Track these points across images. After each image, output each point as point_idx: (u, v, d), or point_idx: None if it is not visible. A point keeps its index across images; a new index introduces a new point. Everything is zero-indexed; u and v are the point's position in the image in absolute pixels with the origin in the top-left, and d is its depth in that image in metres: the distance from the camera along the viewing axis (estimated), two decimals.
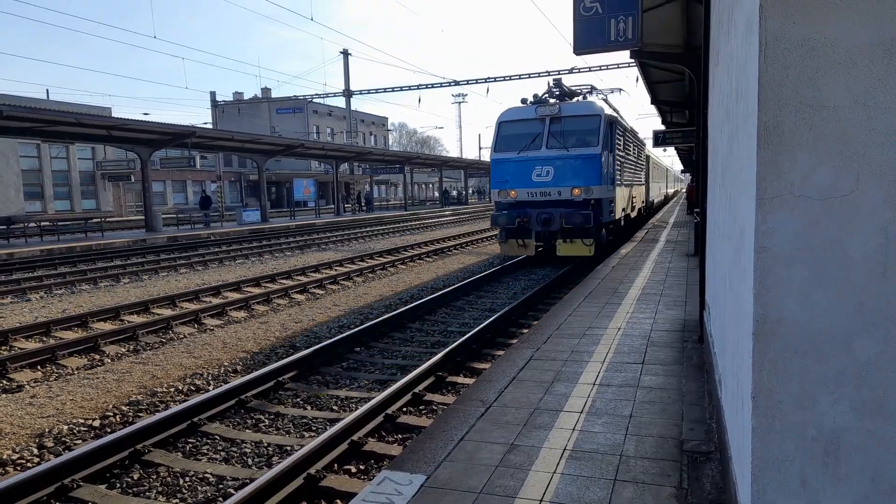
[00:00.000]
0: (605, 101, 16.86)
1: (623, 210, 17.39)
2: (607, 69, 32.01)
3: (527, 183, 14.80)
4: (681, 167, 54.10)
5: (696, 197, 9.29)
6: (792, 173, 2.01)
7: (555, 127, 14.77)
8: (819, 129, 1.98)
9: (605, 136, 14.46)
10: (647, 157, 26.83)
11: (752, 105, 2.13)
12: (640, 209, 23.30)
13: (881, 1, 1.89)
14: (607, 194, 14.79)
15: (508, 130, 15.38)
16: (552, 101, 15.63)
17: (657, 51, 13.76)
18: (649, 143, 27.04)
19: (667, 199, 48.33)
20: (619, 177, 16.13)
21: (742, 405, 2.36)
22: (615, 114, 16.16)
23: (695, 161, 16.79)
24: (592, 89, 17.46)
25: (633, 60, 15.44)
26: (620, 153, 16.46)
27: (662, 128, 27.22)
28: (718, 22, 4.19)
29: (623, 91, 24.33)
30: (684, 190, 47.96)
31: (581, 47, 8.55)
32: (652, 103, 19.83)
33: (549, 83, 16.73)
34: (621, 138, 16.68)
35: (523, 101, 15.69)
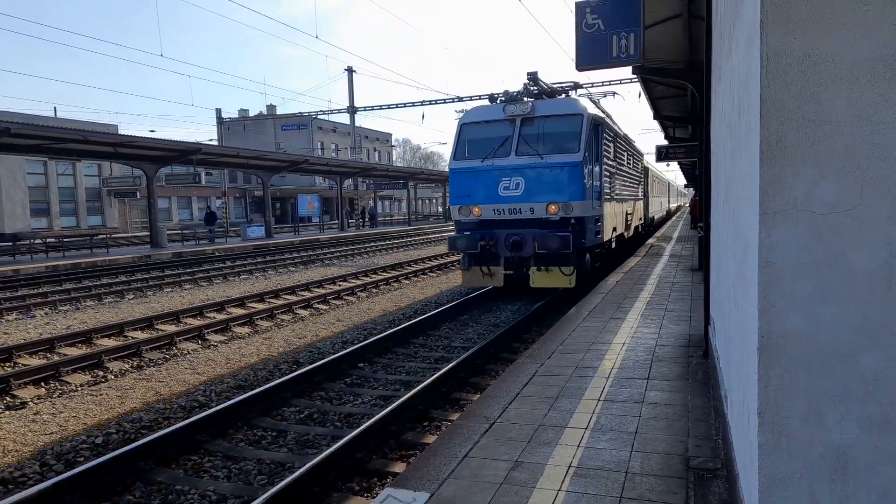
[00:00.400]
0: (595, 102, 14.35)
1: (614, 230, 14.87)
2: (609, 84, 32.19)
3: (493, 198, 12.17)
4: (684, 182, 54.12)
5: (700, 211, 9.28)
6: (795, 188, 2.01)
7: (527, 129, 12.20)
8: (822, 143, 1.98)
9: (588, 140, 11.92)
10: (646, 169, 24.58)
11: (754, 120, 2.13)
12: (637, 227, 21.08)
13: (882, 16, 1.90)
14: (592, 211, 12.33)
15: (472, 134, 12.87)
16: (526, 99, 12.90)
17: (659, 67, 13.83)
18: (651, 157, 26.95)
19: (669, 214, 47.00)
20: (608, 190, 13.80)
21: (748, 421, 2.34)
22: (603, 115, 13.76)
23: (698, 176, 16.77)
24: (576, 86, 14.47)
25: (635, 76, 15.52)
26: (610, 162, 14.25)
27: (665, 143, 27.27)
28: (720, 38, 4.21)
29: (617, 94, 22.37)
30: (688, 204, 47.71)
31: (583, 63, 8.61)
32: (655, 118, 19.87)
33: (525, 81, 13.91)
34: (611, 145, 14.38)
35: (492, 98, 13.09)
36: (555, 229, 11.73)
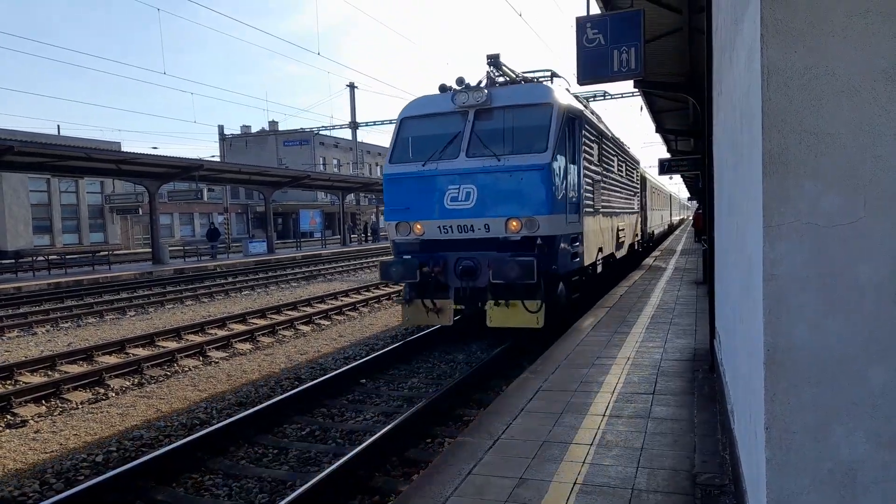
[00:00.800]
0: (578, 98, 11.63)
1: (600, 251, 12.05)
2: (612, 98, 32.34)
3: (438, 212, 9.43)
4: (687, 195, 54.11)
5: (703, 224, 9.27)
6: (798, 200, 2.00)
7: (482, 124, 9.61)
8: (824, 156, 1.97)
9: (560, 137, 9.33)
10: (644, 179, 21.99)
11: (756, 133, 2.13)
12: (634, 244, 18.46)
13: (882, 28, 1.90)
14: (566, 228, 9.58)
15: (413, 130, 10.15)
16: (481, 86, 10.08)
17: (661, 80, 13.92)
18: (654, 170, 26.90)
19: (671, 228, 44.91)
20: (590, 202, 11.13)
21: (755, 437, 2.31)
22: (582, 108, 10.94)
23: (701, 189, 16.76)
24: (553, 75, 11.53)
25: (636, 90, 15.59)
26: (594, 168, 11.58)
27: (668, 156, 27.32)
28: (720, 51, 4.23)
29: (607, 94, 20.41)
30: (691, 217, 47.39)
31: (585, 78, 8.65)
32: (657, 132, 19.94)
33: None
34: (595, 146, 11.76)
35: (442, 88, 10.17)
36: (515, 251, 9.05)
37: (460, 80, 9.86)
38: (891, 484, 1.97)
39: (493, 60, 10.73)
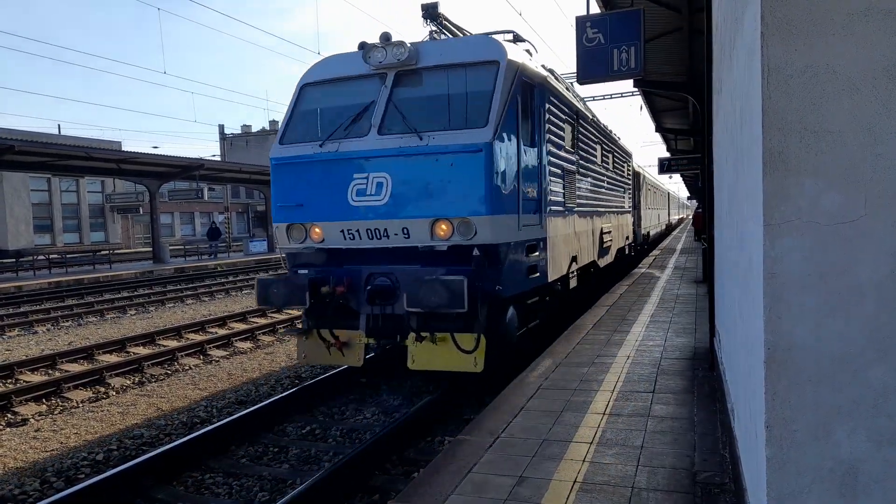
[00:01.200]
0: (551, 72, 9.21)
1: (573, 261, 9.49)
2: (611, 98, 32.35)
3: (341, 210, 6.95)
4: (686, 193, 54.09)
5: (703, 223, 9.27)
6: (799, 198, 1.99)
7: (404, 91, 7.12)
8: (825, 154, 1.97)
9: (510, 107, 6.83)
10: (638, 174, 20.09)
11: (756, 132, 2.13)
12: (624, 248, 16.19)
13: (883, 27, 1.90)
14: (520, 234, 7.10)
15: (316, 101, 7.65)
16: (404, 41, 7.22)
17: (661, 80, 13.92)
18: (653, 169, 26.83)
19: (669, 228, 42.84)
20: (559, 198, 8.60)
21: (756, 435, 2.31)
22: (546, 74, 8.39)
23: (701, 187, 16.76)
24: (517, 38, 8.77)
25: (636, 89, 15.59)
26: (566, 155, 9.04)
27: (668, 155, 27.32)
28: (720, 50, 4.23)
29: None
30: (690, 217, 47.22)
31: (584, 77, 8.65)
32: (657, 131, 19.93)
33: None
34: (568, 127, 9.25)
35: (361, 46, 7.32)
36: (442, 265, 6.63)
37: (385, 36, 7.12)
38: (892, 483, 1.96)
39: (430, 11, 8.14)
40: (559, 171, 8.64)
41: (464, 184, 6.48)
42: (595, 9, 9.65)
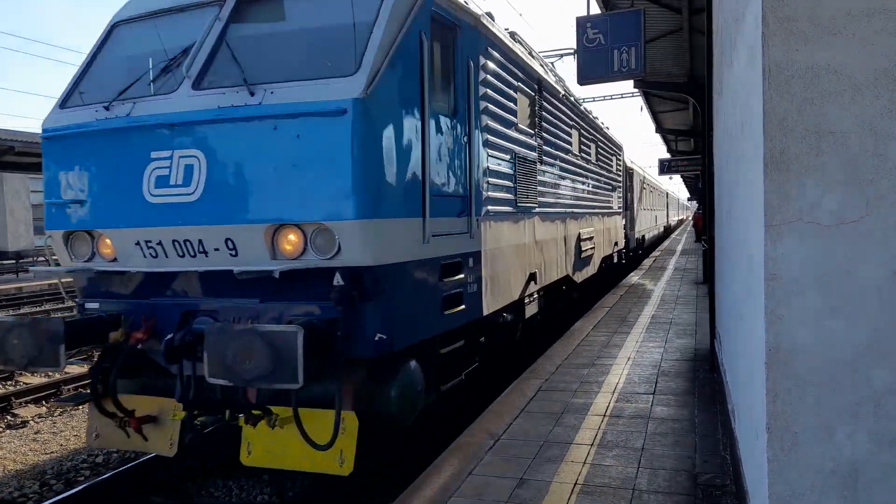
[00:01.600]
0: (513, 36, 7.57)
1: (532, 279, 7.25)
2: (611, 99, 32.35)
3: (133, 208, 4.34)
4: (687, 193, 54.03)
5: (703, 225, 9.27)
6: (800, 200, 1.99)
7: (244, 27, 4.67)
8: (826, 155, 1.96)
9: (402, 48, 4.31)
10: (631, 171, 18.37)
11: (757, 132, 2.12)
12: (612, 255, 14.04)
13: (885, 28, 1.89)
14: (424, 250, 4.57)
15: (131, 46, 5.10)
16: None
17: (661, 80, 13.91)
18: (653, 170, 26.78)
19: (667, 230, 40.69)
20: (509, 193, 6.42)
21: (756, 437, 2.30)
22: (490, 24, 6.02)
23: (701, 188, 16.75)
24: None
25: (636, 90, 15.61)
26: (518, 133, 6.80)
27: (668, 156, 27.30)
28: (721, 51, 4.22)
29: (568, 54, 11.78)
30: (690, 218, 47.09)
31: (585, 77, 8.64)
32: (657, 132, 19.93)
33: None
34: (526, 99, 7.19)
35: None
36: (307, 300, 4.16)
37: None
38: (894, 484, 1.96)
39: None
40: (506, 158, 6.31)
41: (319, 167, 3.98)
42: (595, 9, 9.66)
